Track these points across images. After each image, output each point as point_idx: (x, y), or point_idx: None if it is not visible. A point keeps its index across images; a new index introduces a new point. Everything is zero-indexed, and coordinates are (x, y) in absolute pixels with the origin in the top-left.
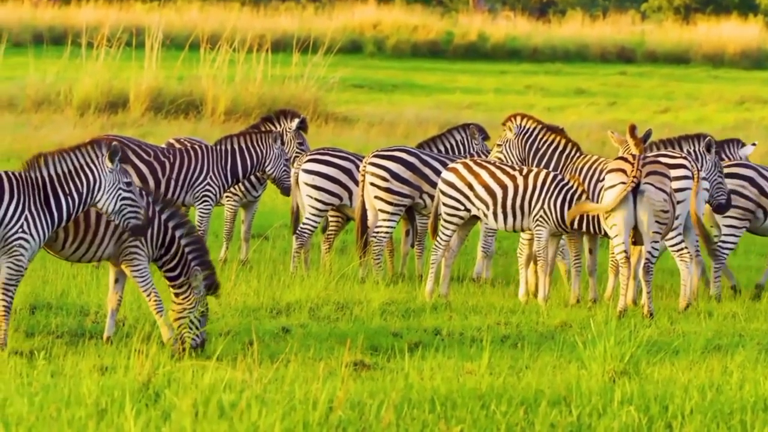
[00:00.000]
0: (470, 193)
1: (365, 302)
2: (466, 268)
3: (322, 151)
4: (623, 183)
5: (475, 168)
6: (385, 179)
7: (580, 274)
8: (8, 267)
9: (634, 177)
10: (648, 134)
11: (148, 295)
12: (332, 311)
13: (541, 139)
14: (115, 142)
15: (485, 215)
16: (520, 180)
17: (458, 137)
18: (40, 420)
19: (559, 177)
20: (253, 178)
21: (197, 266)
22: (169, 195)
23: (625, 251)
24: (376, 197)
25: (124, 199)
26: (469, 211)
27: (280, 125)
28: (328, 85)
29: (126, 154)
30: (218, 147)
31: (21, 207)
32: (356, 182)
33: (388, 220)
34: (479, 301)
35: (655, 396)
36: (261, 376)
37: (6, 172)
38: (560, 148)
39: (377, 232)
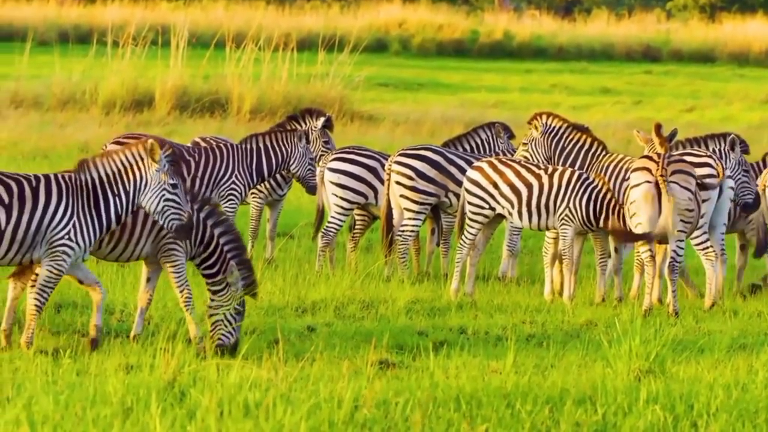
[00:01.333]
0: (495, 192)
1: (390, 301)
2: (492, 267)
3: (347, 150)
4: (648, 181)
5: (500, 166)
6: (410, 178)
7: (606, 272)
8: (48, 270)
9: (660, 176)
10: (673, 133)
11: (181, 291)
12: (357, 310)
13: (567, 137)
14: (151, 140)
15: (510, 214)
16: (545, 179)
17: (484, 136)
18: (66, 418)
19: (585, 176)
20: (278, 176)
21: (236, 264)
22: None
23: (650, 250)
24: (401, 196)
25: (167, 200)
26: (494, 209)
27: (306, 124)
28: (354, 84)
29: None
30: (243, 146)
31: (70, 211)
32: (382, 181)
33: (414, 219)
34: (504, 299)
35: (680, 395)
36: (286, 374)
37: (56, 175)
38: (586, 146)
39: (403, 231)
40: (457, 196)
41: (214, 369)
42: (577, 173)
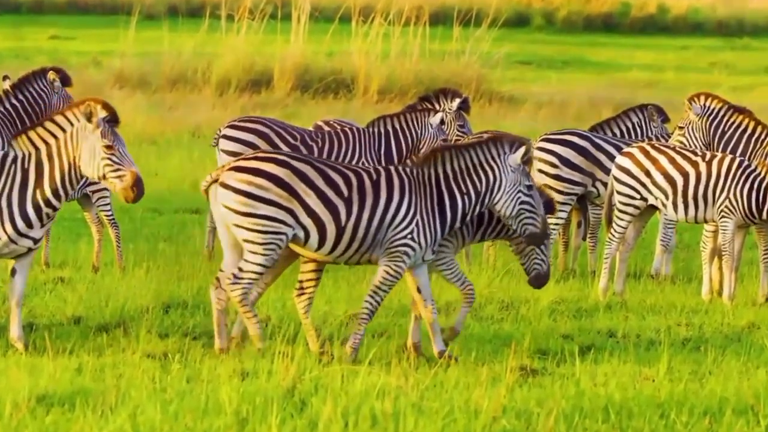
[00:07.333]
0: (647, 181)
1: (532, 301)
2: (644, 264)
3: (484, 135)
4: None
5: (653, 153)
6: (554, 165)
7: None
8: (386, 271)
9: None
10: None
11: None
12: (496, 311)
13: (728, 121)
14: (522, 139)
15: (664, 205)
16: (702, 166)
17: (635, 119)
18: (175, 430)
19: (746, 163)
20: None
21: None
22: None
23: None
24: (544, 185)
25: (523, 203)
26: (645, 200)
27: (440, 105)
28: (493, 62)
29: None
30: (371, 129)
31: (413, 209)
32: None
33: (558, 211)
34: (658, 299)
35: None
36: (417, 381)
37: (396, 168)
38: (749, 131)
39: None
40: (605, 185)
41: (338, 375)
42: (738, 160)
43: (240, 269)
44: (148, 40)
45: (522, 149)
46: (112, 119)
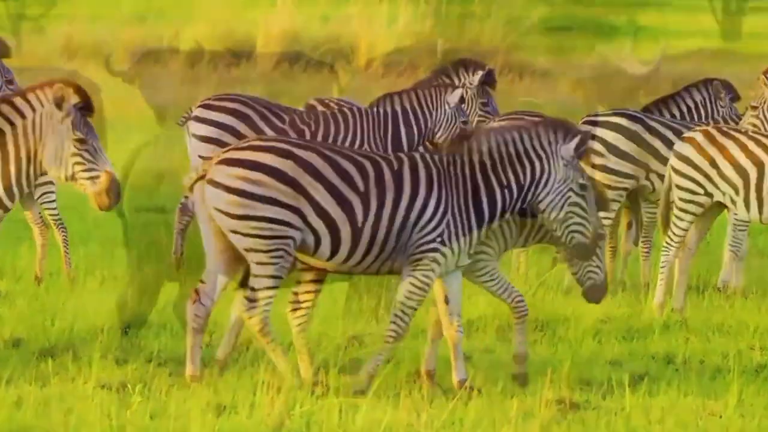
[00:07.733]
0: (713, 173)
1: (573, 319)
2: (709, 274)
3: (513, 117)
4: None
5: (720, 138)
6: (599, 154)
7: None
8: (411, 282)
9: None
10: None
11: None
12: (529, 331)
13: None
14: (581, 129)
15: (733, 202)
16: None
17: (698, 97)
18: None
19: None
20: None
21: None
22: None
23: None
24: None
25: (573, 204)
26: (711, 196)
27: (459, 80)
28: (524, 28)
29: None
30: (375, 109)
31: (443, 205)
32: None
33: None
34: (726, 317)
35: None
36: (432, 417)
37: (422, 155)
38: None
39: None
40: (662, 177)
41: (335, 410)
42: None
43: (252, 289)
44: (103, 2)
45: (577, 139)
46: (86, 107)
